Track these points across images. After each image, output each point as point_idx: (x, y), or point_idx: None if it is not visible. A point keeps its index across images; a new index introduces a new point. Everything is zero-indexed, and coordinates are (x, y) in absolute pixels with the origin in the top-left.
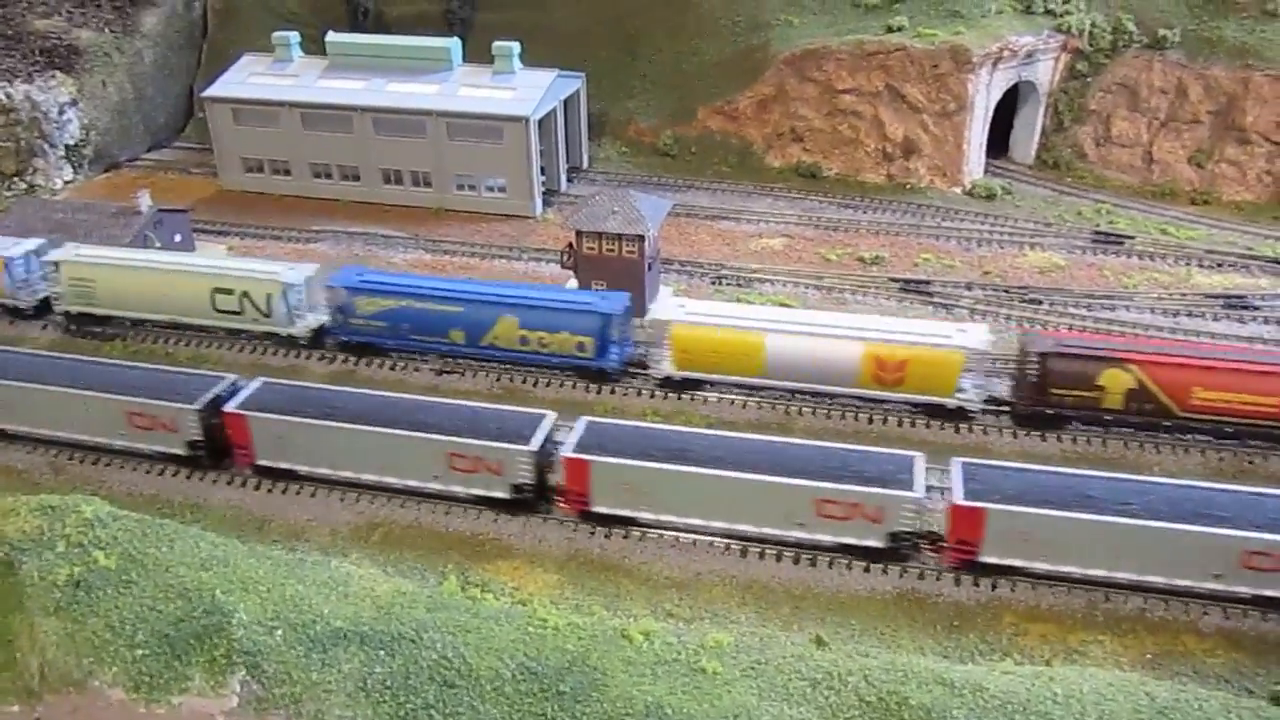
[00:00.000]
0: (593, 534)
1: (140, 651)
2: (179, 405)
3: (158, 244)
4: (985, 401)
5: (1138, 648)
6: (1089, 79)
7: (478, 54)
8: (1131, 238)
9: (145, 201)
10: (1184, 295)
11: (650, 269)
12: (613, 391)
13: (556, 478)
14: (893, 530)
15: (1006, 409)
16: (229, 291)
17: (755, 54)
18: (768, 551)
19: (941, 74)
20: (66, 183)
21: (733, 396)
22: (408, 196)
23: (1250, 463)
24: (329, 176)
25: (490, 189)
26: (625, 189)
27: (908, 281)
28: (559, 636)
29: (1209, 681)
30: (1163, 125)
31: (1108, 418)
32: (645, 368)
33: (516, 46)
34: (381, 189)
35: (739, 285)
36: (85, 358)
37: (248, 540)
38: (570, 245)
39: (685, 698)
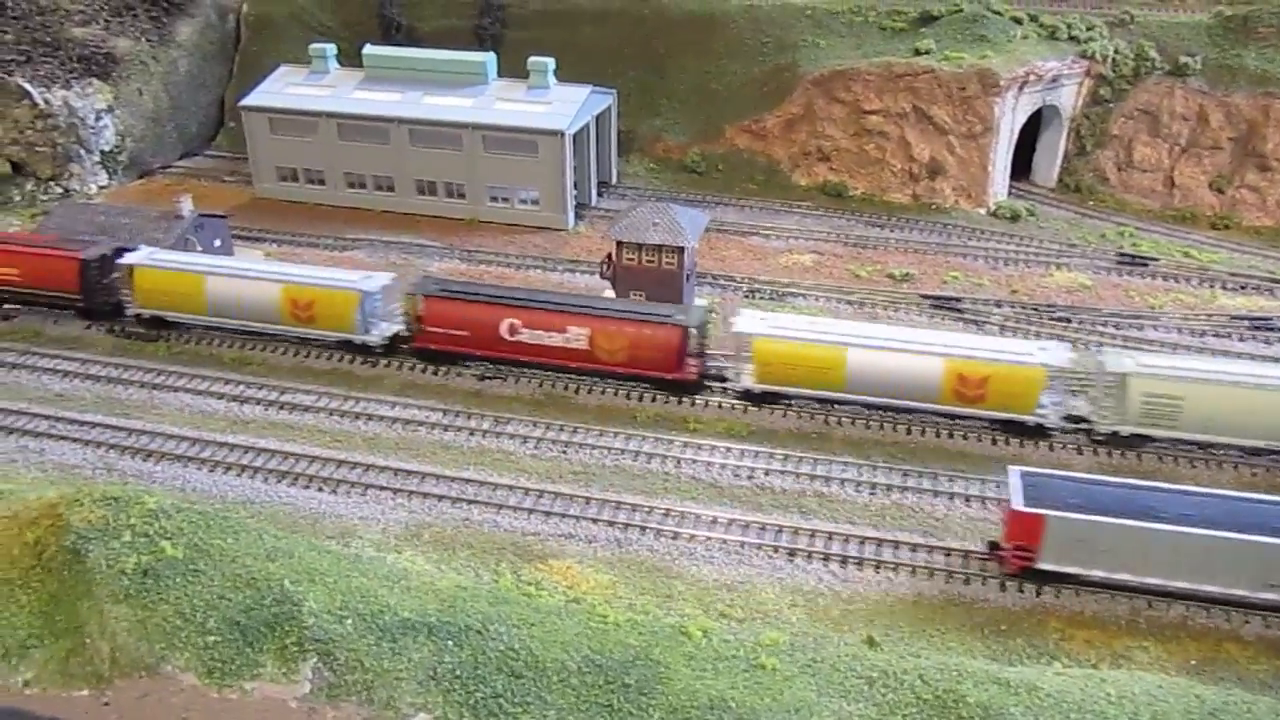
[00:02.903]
0: (641, 535)
1: (212, 638)
2: None
3: (199, 248)
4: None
5: (1181, 654)
6: (1111, 104)
7: (506, 70)
8: (1155, 260)
9: (187, 206)
10: (1210, 316)
11: (688, 280)
12: (667, 402)
13: None
14: None
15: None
16: None
17: (783, 74)
18: (814, 555)
19: (968, 97)
20: (101, 188)
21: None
22: (441, 207)
23: None
24: (363, 186)
25: (524, 201)
26: (665, 202)
27: (938, 298)
28: (620, 631)
29: (1253, 687)
30: (1184, 151)
31: None
32: None
33: (552, 62)
34: (415, 199)
35: (772, 299)
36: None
37: (302, 534)
38: (609, 256)
39: (747, 692)
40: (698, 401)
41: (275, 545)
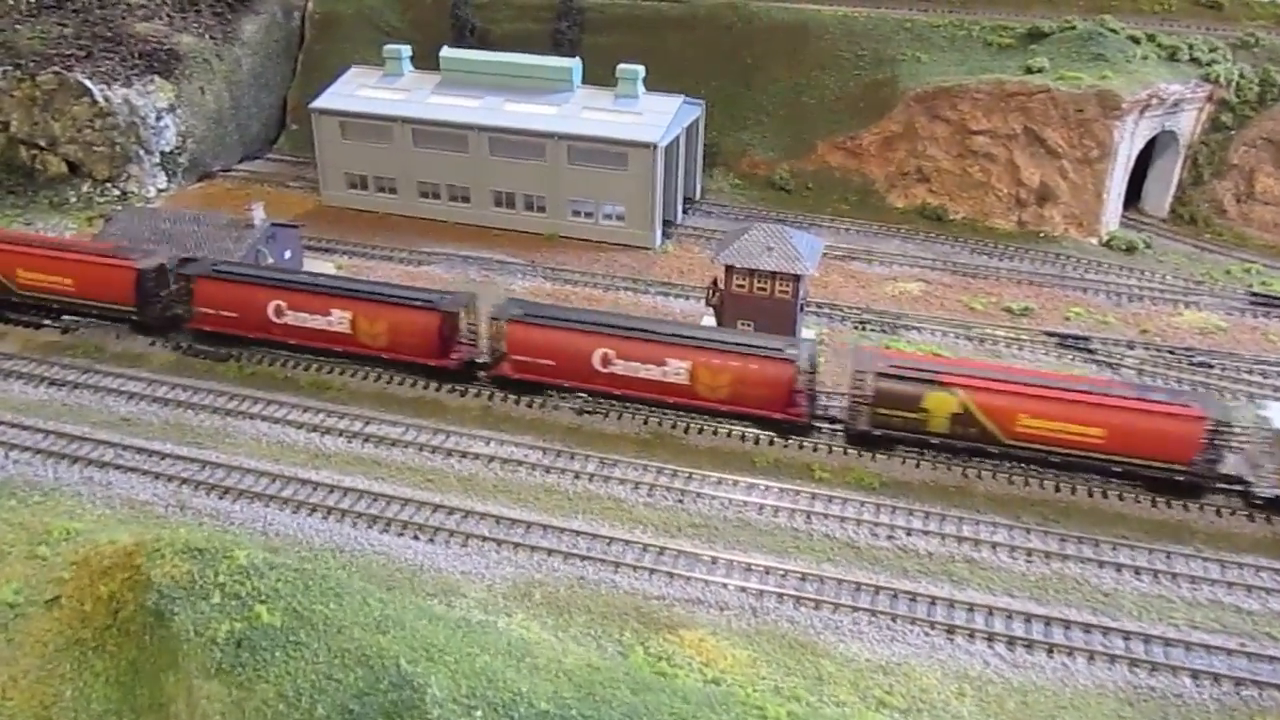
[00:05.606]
0: (779, 603)
1: None
2: None
3: (270, 259)
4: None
5: None
6: (1232, 131)
7: (585, 77)
8: None
9: (259, 214)
10: None
11: (801, 311)
12: (786, 444)
13: None
14: None
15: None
16: None
17: (881, 89)
18: (977, 633)
19: (1086, 119)
20: (160, 190)
21: (903, 455)
22: (519, 221)
23: None
24: (436, 196)
25: (608, 217)
26: (780, 225)
27: (1065, 337)
28: None
29: None
30: None
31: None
32: None
33: (642, 70)
34: (492, 211)
35: (884, 331)
36: None
37: (401, 592)
38: (714, 281)
39: None
40: (819, 447)
41: (384, 612)
